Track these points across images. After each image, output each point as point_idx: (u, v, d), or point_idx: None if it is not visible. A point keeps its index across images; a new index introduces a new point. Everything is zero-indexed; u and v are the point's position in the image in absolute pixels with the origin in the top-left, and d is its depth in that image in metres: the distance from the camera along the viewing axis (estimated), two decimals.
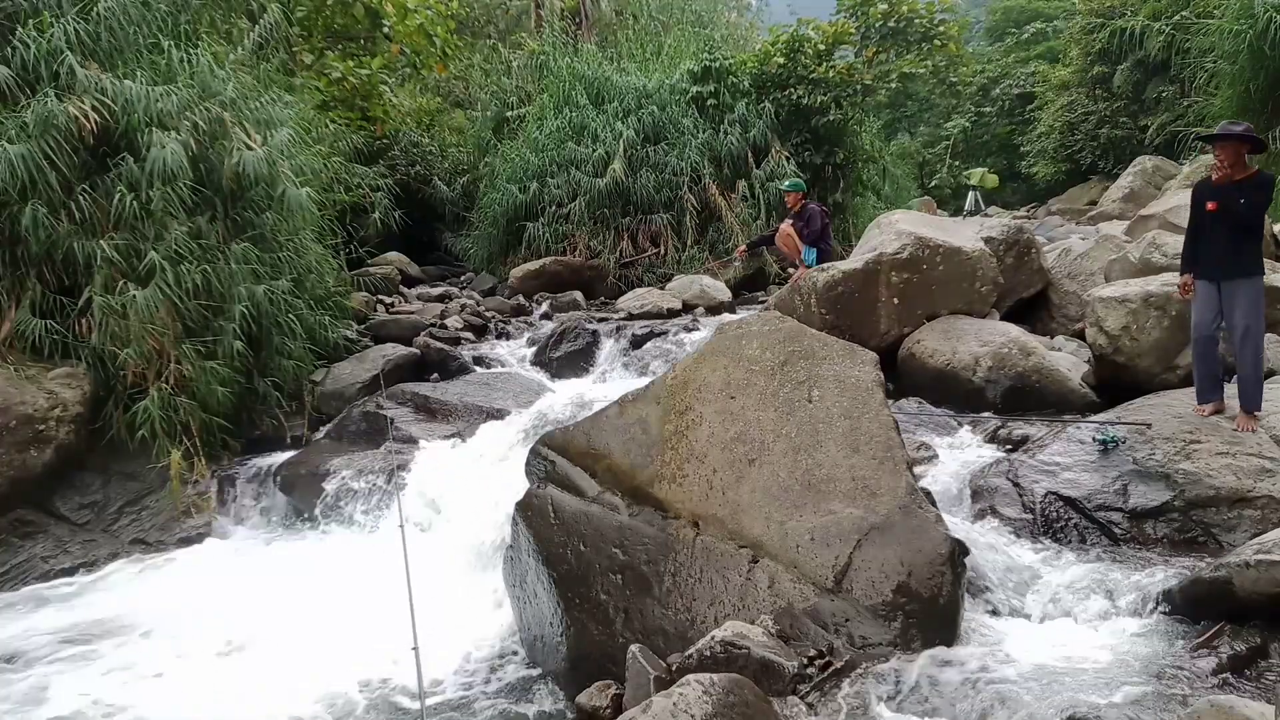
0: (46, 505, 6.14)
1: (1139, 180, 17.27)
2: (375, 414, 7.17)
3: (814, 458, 4.02)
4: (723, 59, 14.58)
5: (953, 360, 6.80)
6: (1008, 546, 4.47)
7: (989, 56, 33.01)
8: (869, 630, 3.62)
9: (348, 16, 13.23)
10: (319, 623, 4.84)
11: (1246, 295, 4.75)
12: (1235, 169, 4.80)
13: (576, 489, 4.33)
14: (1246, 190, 4.74)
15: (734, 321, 4.63)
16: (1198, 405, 5.03)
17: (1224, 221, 4.79)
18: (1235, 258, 4.76)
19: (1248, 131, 4.85)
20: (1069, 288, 8.03)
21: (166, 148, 6.37)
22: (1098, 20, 22.03)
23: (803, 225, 9.31)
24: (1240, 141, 4.78)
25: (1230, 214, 4.76)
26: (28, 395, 5.96)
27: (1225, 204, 4.78)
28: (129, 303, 6.11)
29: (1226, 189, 4.80)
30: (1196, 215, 5.00)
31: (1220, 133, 4.88)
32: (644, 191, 13.44)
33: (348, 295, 9.45)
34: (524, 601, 4.50)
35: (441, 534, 5.76)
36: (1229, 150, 4.80)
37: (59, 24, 6.53)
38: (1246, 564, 3.42)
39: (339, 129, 10.72)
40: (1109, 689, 3.14)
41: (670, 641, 3.77)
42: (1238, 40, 10.83)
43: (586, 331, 9.01)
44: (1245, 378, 4.80)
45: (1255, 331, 4.76)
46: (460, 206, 17.12)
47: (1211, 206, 4.83)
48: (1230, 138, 4.80)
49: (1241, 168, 4.80)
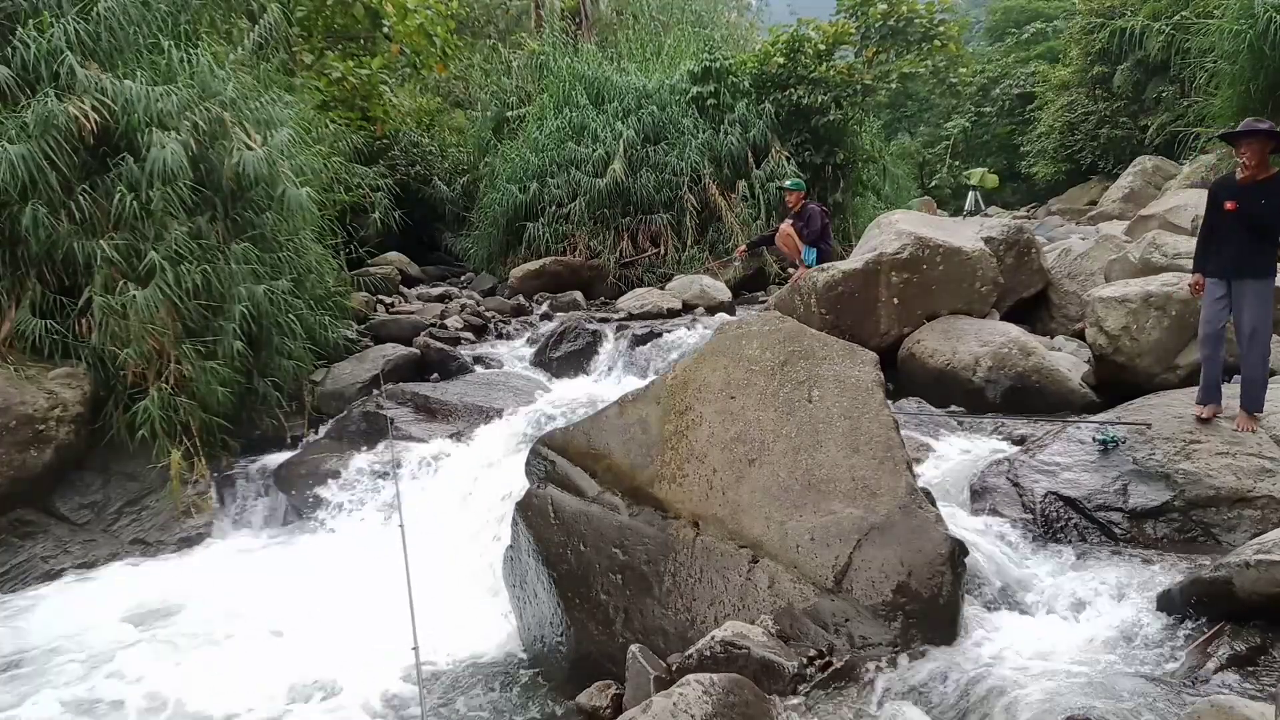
0: (46, 505, 6.14)
1: (1139, 180, 17.27)
2: (375, 414, 7.17)
3: (814, 458, 4.02)
4: (723, 59, 14.57)
5: (953, 360, 6.80)
6: (1008, 546, 4.47)
7: (989, 56, 32.99)
8: (869, 630, 3.62)
9: (348, 16, 13.22)
10: (318, 622, 4.85)
11: (1256, 296, 4.67)
12: (1259, 168, 4.64)
13: (576, 489, 4.33)
14: (1269, 191, 4.59)
15: (734, 321, 4.64)
16: (1196, 405, 5.00)
17: (1241, 221, 4.66)
18: (1248, 258, 4.66)
19: (1274, 129, 4.64)
20: (1069, 288, 8.04)
21: (166, 148, 6.36)
22: (1098, 20, 22.02)
23: (803, 225, 9.31)
24: (1267, 139, 4.60)
25: (1249, 214, 4.63)
26: (28, 395, 5.95)
27: (1245, 204, 4.64)
28: (129, 303, 6.11)
29: (1248, 189, 4.66)
30: (1212, 214, 4.87)
31: (1245, 130, 4.68)
32: (644, 191, 13.44)
33: (348, 295, 9.44)
34: (524, 601, 4.50)
35: (441, 534, 5.76)
36: (1254, 148, 4.62)
37: (59, 24, 6.52)
38: (1246, 564, 3.42)
39: (339, 129, 10.71)
40: (1109, 689, 3.14)
41: (670, 641, 3.78)
42: (1238, 40, 10.83)
43: (586, 331, 9.01)
44: (1249, 379, 4.74)
45: (1263, 333, 4.69)
46: (460, 206, 17.13)
47: (1230, 206, 4.69)
48: (1257, 134, 4.61)
49: (1265, 167, 4.65)
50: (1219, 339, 4.90)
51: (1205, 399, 4.96)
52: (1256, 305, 4.68)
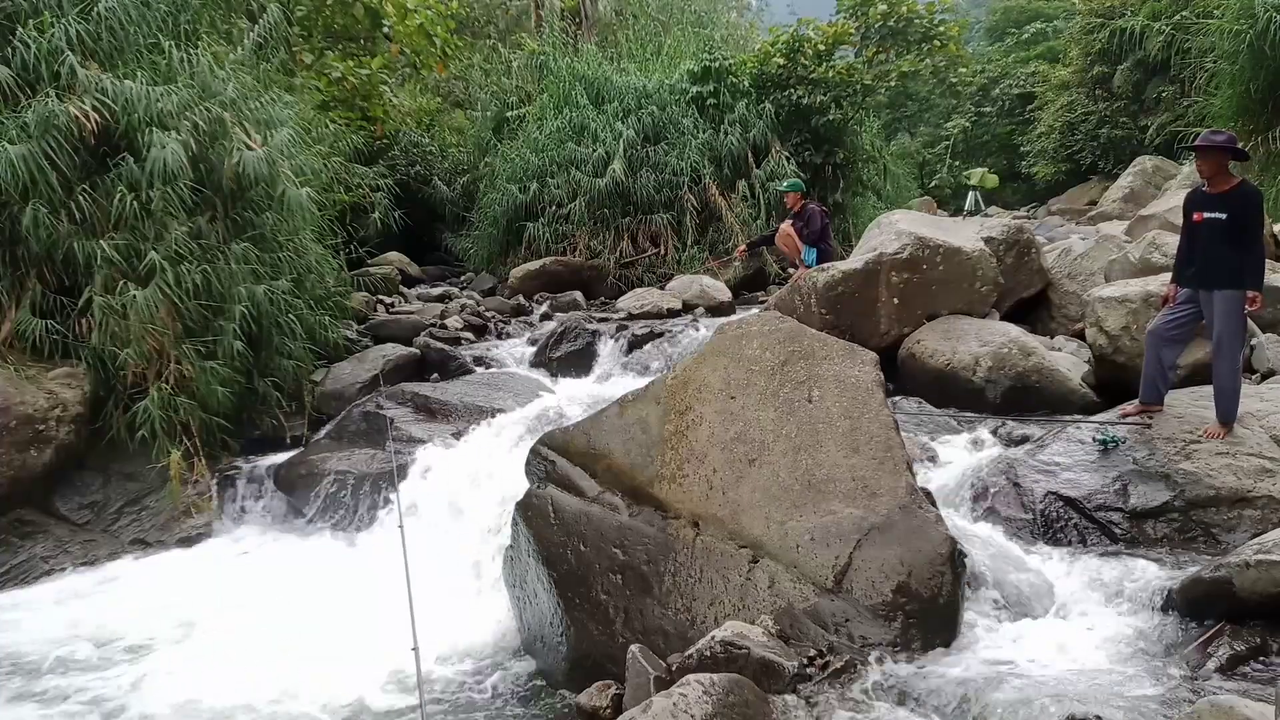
0: (46, 505, 6.14)
1: (1139, 180, 17.27)
2: (375, 414, 7.16)
3: (814, 458, 4.02)
4: (723, 59, 14.57)
5: (953, 360, 6.80)
6: (1008, 546, 4.47)
7: (989, 56, 32.96)
8: (869, 630, 3.62)
9: (348, 16, 13.22)
10: (318, 622, 4.84)
11: (1223, 306, 4.68)
12: (1216, 180, 4.72)
13: (576, 489, 4.33)
14: (1229, 202, 4.65)
15: (734, 321, 4.64)
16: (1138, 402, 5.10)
17: (1208, 232, 4.72)
18: (1216, 268, 4.69)
19: (1229, 142, 4.72)
20: (1069, 288, 8.03)
21: (166, 148, 6.36)
22: (1098, 20, 22.00)
23: (802, 225, 9.32)
24: (1221, 152, 4.68)
25: (1214, 225, 4.68)
26: (28, 395, 5.95)
27: (1209, 215, 4.70)
28: (129, 303, 6.11)
29: (1212, 199, 4.72)
30: (1185, 224, 4.94)
31: (1201, 143, 4.75)
32: (644, 191, 13.42)
33: (348, 295, 9.44)
34: (524, 601, 4.50)
35: (441, 534, 5.76)
36: (1210, 161, 4.71)
37: (59, 24, 6.52)
38: (1246, 564, 3.42)
39: (339, 129, 10.69)
40: (1108, 689, 3.14)
41: (670, 641, 3.78)
42: (1238, 40, 10.81)
43: (586, 331, 9.01)
44: (1218, 389, 4.76)
45: (1230, 344, 4.69)
46: (460, 206, 17.11)
47: (1198, 217, 4.77)
48: (1211, 148, 4.68)
49: (1224, 179, 4.72)
50: (1159, 340, 4.97)
51: (1142, 397, 5.06)
52: (1224, 316, 4.69)
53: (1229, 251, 4.65)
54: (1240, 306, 4.69)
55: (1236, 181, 4.76)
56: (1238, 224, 4.63)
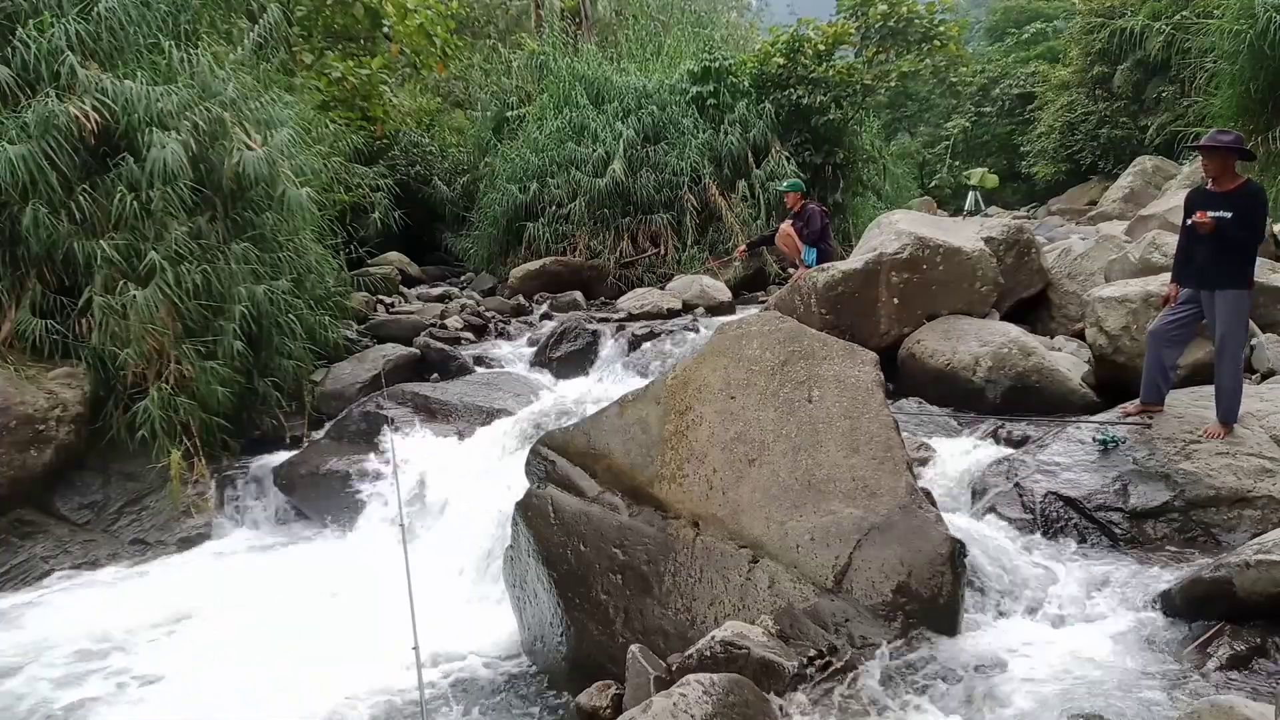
0: (46, 505, 6.14)
1: (1139, 180, 17.26)
2: (375, 414, 7.16)
3: (814, 458, 4.02)
4: (723, 59, 14.57)
5: (953, 360, 6.80)
6: (1008, 546, 4.47)
7: (989, 56, 32.96)
8: (869, 630, 3.62)
9: (348, 16, 13.22)
10: (318, 622, 4.85)
11: (1225, 306, 4.68)
12: (1221, 179, 4.72)
13: (576, 489, 4.33)
14: (1233, 201, 4.63)
15: (734, 321, 4.63)
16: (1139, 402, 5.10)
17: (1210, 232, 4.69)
18: (1217, 268, 4.69)
19: (1235, 142, 4.71)
20: (1069, 288, 8.02)
21: (166, 148, 6.36)
22: (1098, 20, 22.01)
23: (802, 225, 9.32)
24: (1228, 151, 4.67)
25: (1219, 224, 4.64)
26: (28, 395, 5.95)
27: (1214, 214, 4.66)
28: (129, 303, 6.11)
29: (1216, 199, 4.71)
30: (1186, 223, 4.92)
31: (1207, 143, 4.75)
32: (644, 191, 13.43)
33: (348, 295, 9.44)
34: (524, 601, 4.50)
35: (441, 534, 5.76)
36: (1215, 160, 4.70)
37: (59, 24, 6.52)
38: (1246, 564, 3.42)
39: (339, 129, 10.70)
40: (1108, 689, 3.14)
41: (670, 641, 3.77)
42: (1238, 40, 10.80)
43: (586, 331, 9.01)
44: (1220, 388, 4.76)
45: (1233, 344, 4.69)
46: (460, 206, 17.12)
47: (1199, 216, 4.73)
48: (1217, 147, 4.68)
49: (1229, 178, 4.72)
50: (1160, 340, 4.97)
51: (1143, 398, 5.06)
52: (1226, 315, 4.68)
53: (1231, 251, 4.64)
54: (1243, 306, 4.69)
55: (1242, 180, 4.74)
56: (1244, 223, 4.62)
